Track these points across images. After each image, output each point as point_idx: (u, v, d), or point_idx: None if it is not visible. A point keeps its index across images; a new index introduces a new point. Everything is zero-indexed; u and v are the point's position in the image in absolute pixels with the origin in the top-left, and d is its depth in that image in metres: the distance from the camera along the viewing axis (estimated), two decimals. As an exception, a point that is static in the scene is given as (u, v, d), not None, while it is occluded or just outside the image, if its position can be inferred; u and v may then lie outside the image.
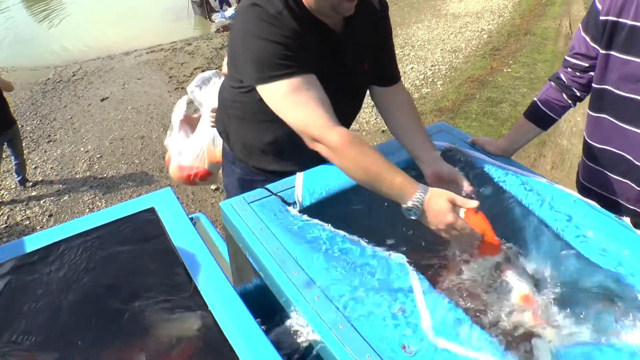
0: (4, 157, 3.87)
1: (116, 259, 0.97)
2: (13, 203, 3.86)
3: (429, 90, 5.46)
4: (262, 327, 0.81)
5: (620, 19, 1.20)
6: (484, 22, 7.74)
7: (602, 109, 1.34)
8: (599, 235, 1.03)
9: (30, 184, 4.06)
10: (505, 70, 5.66)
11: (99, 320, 0.85)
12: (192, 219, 1.08)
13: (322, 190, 1.13)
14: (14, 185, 4.06)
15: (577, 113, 4.32)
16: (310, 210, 1.08)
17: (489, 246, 1.04)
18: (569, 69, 1.37)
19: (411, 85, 5.57)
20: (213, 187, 3.79)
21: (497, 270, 1.03)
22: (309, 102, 1.10)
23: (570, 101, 1.40)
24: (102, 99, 5.69)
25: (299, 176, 1.16)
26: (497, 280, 1.01)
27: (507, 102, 4.84)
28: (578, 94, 1.38)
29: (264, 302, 0.94)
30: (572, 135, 4.24)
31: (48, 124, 5.15)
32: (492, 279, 1.01)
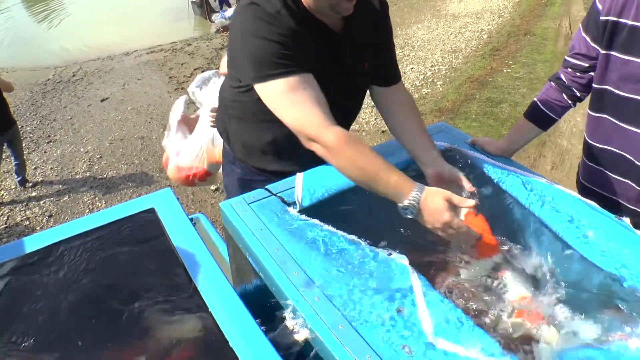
0: (3, 158, 3.87)
1: (116, 260, 0.96)
2: (13, 203, 3.86)
3: (428, 90, 5.46)
4: (262, 328, 0.81)
5: (621, 19, 1.20)
6: (483, 23, 7.74)
7: (602, 109, 1.34)
8: (599, 236, 1.03)
9: (30, 184, 4.06)
10: (505, 70, 5.67)
11: (99, 321, 0.85)
12: (192, 220, 1.08)
13: (322, 191, 1.12)
14: (13, 186, 4.06)
15: (577, 113, 4.32)
16: (310, 210, 1.08)
17: (487, 248, 1.04)
18: (569, 69, 1.37)
19: (411, 85, 5.57)
20: (213, 187, 3.79)
21: (497, 270, 1.03)
22: (305, 102, 1.09)
23: (570, 101, 1.40)
24: (102, 100, 5.70)
25: (299, 177, 1.16)
26: (496, 280, 1.01)
27: (507, 103, 4.84)
28: (578, 94, 1.38)
29: (264, 303, 0.94)
30: (572, 136, 4.24)
31: (48, 124, 5.15)
32: (491, 280, 1.01)
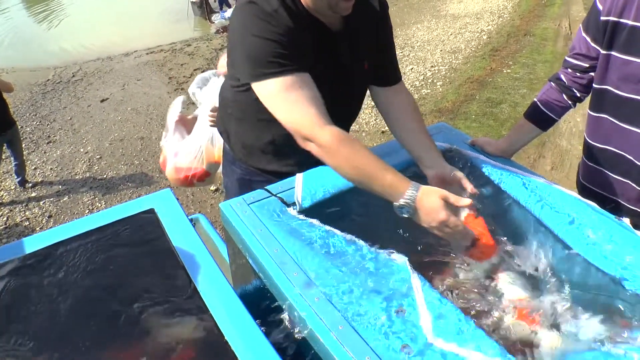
0: (3, 158, 3.87)
1: (115, 260, 0.96)
2: (12, 204, 3.86)
3: (428, 91, 5.46)
4: (262, 329, 0.81)
5: (621, 20, 1.20)
6: (483, 23, 7.75)
7: (602, 109, 1.34)
8: (599, 237, 1.03)
9: (30, 185, 4.06)
10: (504, 71, 5.67)
11: (99, 322, 0.85)
12: (191, 220, 1.08)
13: (321, 191, 1.12)
14: (13, 186, 4.06)
15: (577, 114, 4.32)
16: (310, 211, 1.08)
17: (486, 250, 1.04)
18: (569, 70, 1.37)
19: (411, 86, 5.57)
20: (213, 188, 3.78)
21: (497, 271, 1.03)
22: (301, 101, 1.09)
23: (570, 102, 1.40)
24: (102, 100, 5.70)
25: (299, 177, 1.16)
26: (496, 281, 1.01)
27: (507, 103, 4.84)
28: (578, 95, 1.38)
29: (264, 304, 0.93)
30: (572, 136, 4.24)
31: (48, 125, 5.15)
32: (491, 280, 1.01)
